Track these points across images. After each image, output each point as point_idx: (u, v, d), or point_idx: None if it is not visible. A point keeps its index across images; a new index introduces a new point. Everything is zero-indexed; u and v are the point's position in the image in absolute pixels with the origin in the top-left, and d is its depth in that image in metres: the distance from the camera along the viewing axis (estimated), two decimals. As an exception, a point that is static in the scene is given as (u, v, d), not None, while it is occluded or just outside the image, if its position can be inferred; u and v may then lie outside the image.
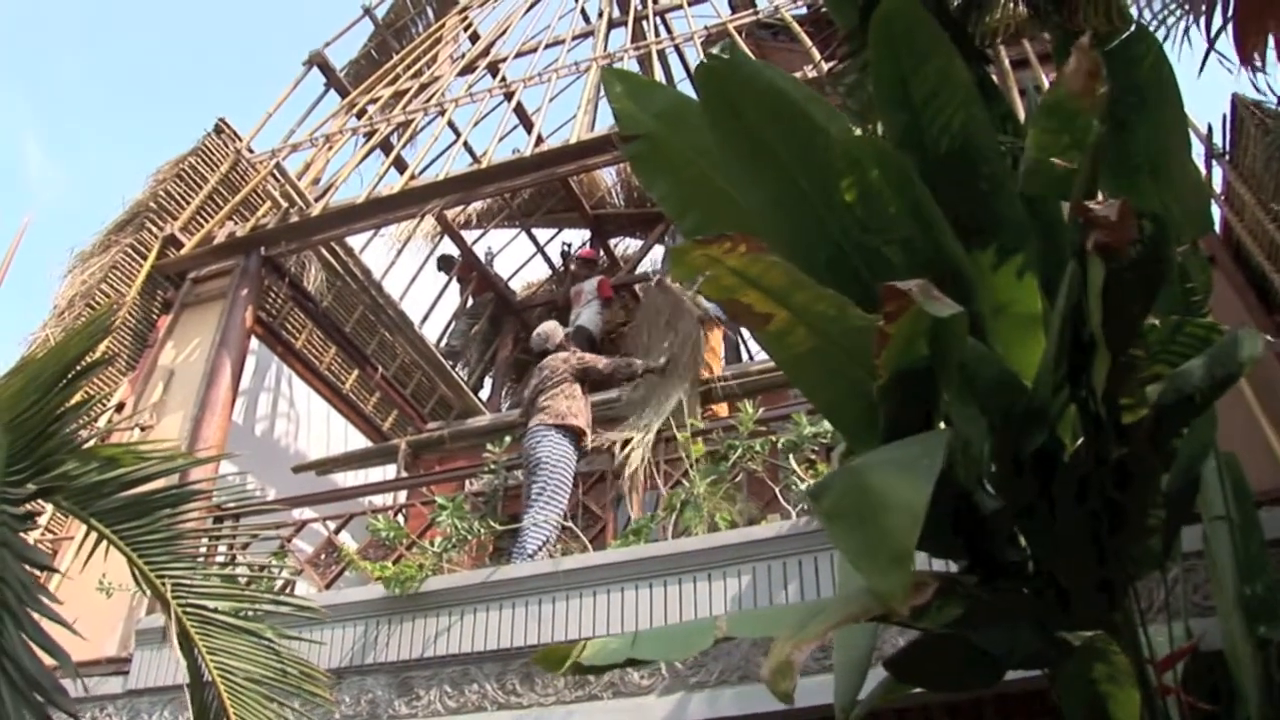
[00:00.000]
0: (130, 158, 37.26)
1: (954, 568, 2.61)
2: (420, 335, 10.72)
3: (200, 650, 3.75)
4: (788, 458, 5.43)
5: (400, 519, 6.50)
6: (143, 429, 8.12)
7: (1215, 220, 6.31)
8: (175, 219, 9.35)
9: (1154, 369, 2.44)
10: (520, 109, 10.61)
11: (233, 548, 6.43)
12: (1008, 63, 6.86)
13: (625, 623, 5.13)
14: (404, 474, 8.52)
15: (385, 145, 9.92)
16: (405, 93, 10.43)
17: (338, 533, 6.69)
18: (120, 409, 8.31)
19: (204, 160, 9.80)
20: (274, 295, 9.67)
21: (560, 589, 5.36)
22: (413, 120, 9.94)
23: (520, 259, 15.94)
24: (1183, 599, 3.89)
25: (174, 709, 5.85)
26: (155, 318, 9.09)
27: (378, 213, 8.85)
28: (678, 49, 11.10)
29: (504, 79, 10.47)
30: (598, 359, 7.12)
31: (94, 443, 3.98)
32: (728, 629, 2.32)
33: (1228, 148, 6.47)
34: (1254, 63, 2.98)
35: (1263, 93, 3.28)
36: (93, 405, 4.08)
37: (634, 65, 9.91)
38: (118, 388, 8.46)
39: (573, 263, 11.61)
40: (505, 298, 12.26)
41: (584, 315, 9.89)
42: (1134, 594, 2.53)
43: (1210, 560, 3.13)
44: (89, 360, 3.78)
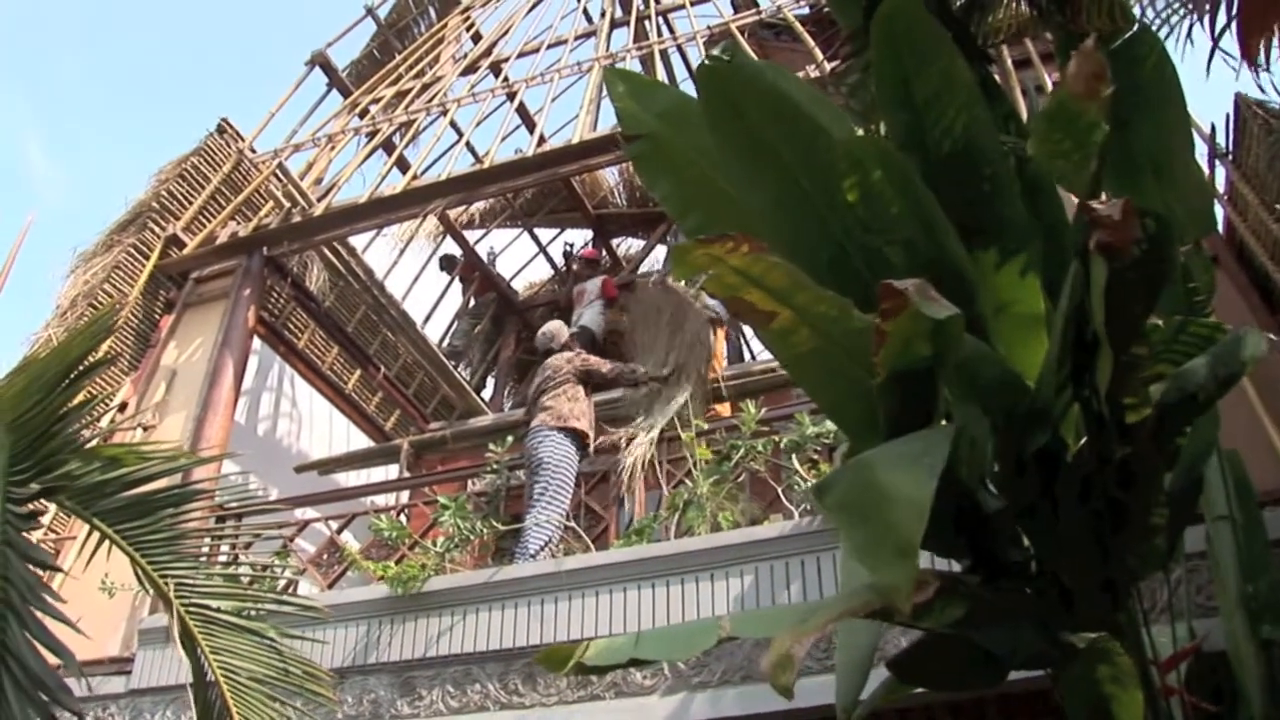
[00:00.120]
0: (132, 158, 37.32)
1: (957, 568, 2.61)
2: (423, 335, 10.74)
3: (203, 650, 3.75)
4: (790, 457, 5.43)
5: (403, 519, 6.50)
6: (145, 429, 8.13)
7: (1218, 220, 6.31)
8: (178, 219, 9.36)
9: (1157, 368, 2.43)
10: (522, 109, 10.60)
11: (235, 547, 6.44)
12: (1010, 62, 6.86)
13: (628, 623, 5.13)
14: (406, 474, 8.52)
15: (388, 145, 9.92)
16: (407, 93, 10.44)
17: (340, 532, 6.69)
18: (123, 409, 8.31)
19: (206, 160, 9.81)
20: (276, 295, 9.68)
21: (563, 589, 5.36)
22: (415, 120, 9.95)
23: (523, 259, 15.94)
24: (1186, 599, 3.88)
25: (176, 708, 5.85)
26: (157, 318, 9.10)
27: (380, 213, 8.86)
28: (680, 49, 11.11)
29: (506, 79, 10.48)
30: (602, 362, 7.10)
31: (97, 443, 3.99)
32: (731, 629, 2.31)
33: (1231, 147, 6.47)
34: (1258, 62, 2.98)
35: (1265, 91, 3.29)
36: (95, 405, 4.09)
37: (636, 65, 9.92)
38: (120, 388, 8.47)
39: (575, 263, 11.61)
40: (508, 298, 12.27)
41: (586, 315, 9.89)
42: (1137, 594, 2.53)
43: (1213, 560, 3.13)
44: (91, 360, 3.79)
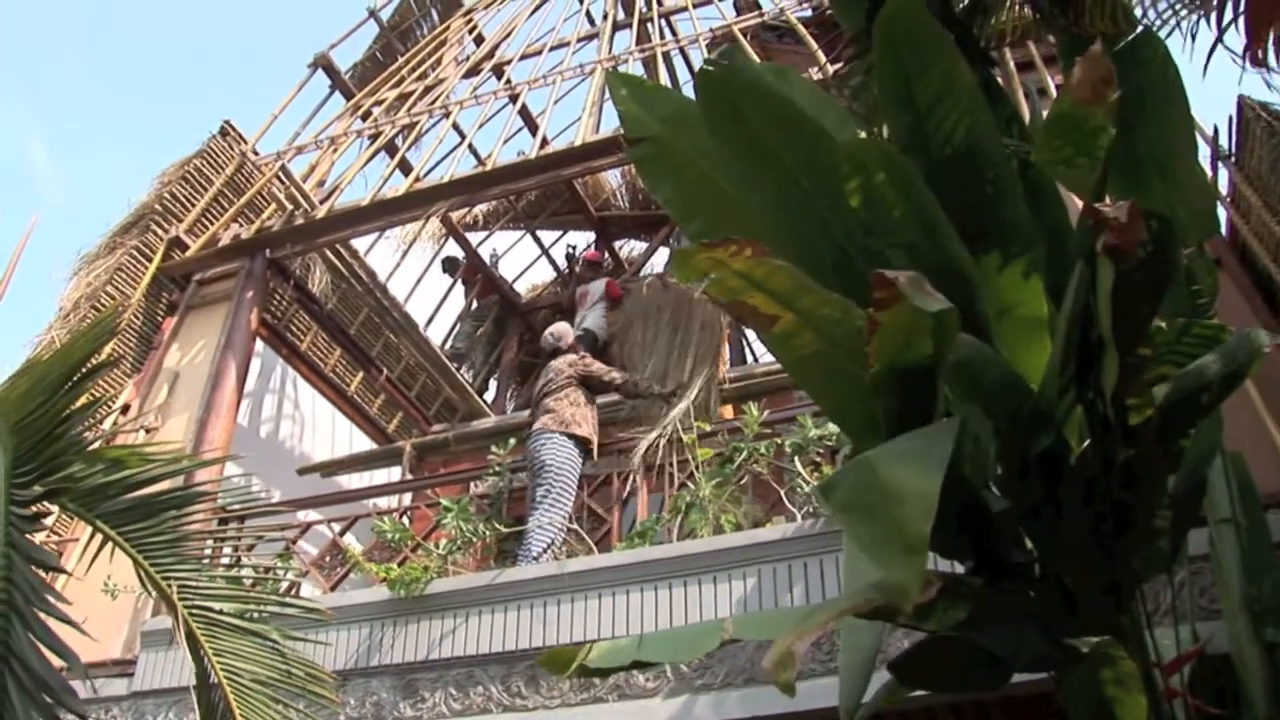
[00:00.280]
0: (134, 159, 37.36)
1: (960, 569, 2.60)
2: (425, 337, 10.76)
3: (206, 651, 3.75)
4: (793, 460, 5.42)
5: (405, 521, 6.50)
6: (148, 431, 8.14)
7: (1221, 222, 6.31)
8: (180, 221, 9.37)
9: (1160, 370, 2.43)
10: (525, 111, 10.63)
11: (238, 549, 6.44)
12: (1013, 65, 6.86)
13: (630, 625, 5.13)
14: (409, 476, 8.53)
15: (390, 147, 9.93)
16: (410, 95, 10.45)
17: (343, 535, 6.69)
18: (125, 411, 8.32)
19: (209, 162, 9.82)
20: (279, 297, 9.69)
21: (565, 591, 5.36)
22: (417, 122, 9.96)
23: (525, 261, 15.95)
24: (1189, 602, 3.88)
25: (178, 710, 5.86)
26: (160, 320, 9.11)
27: (382, 215, 8.87)
28: (683, 51, 11.12)
29: (509, 81, 10.50)
30: (605, 369, 7.05)
31: (99, 445, 3.99)
32: (734, 631, 2.32)
33: (1233, 149, 6.47)
34: (1264, 61, 2.98)
35: (1272, 88, 3.28)
36: (98, 407, 4.09)
37: (639, 67, 9.92)
38: (123, 390, 8.47)
39: (578, 265, 11.61)
40: (510, 300, 12.28)
41: (590, 318, 9.88)
42: (1140, 597, 2.53)
43: (1216, 563, 3.13)
44: (94, 362, 3.80)
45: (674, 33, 11.07)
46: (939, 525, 1.75)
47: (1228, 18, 3.02)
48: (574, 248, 12.81)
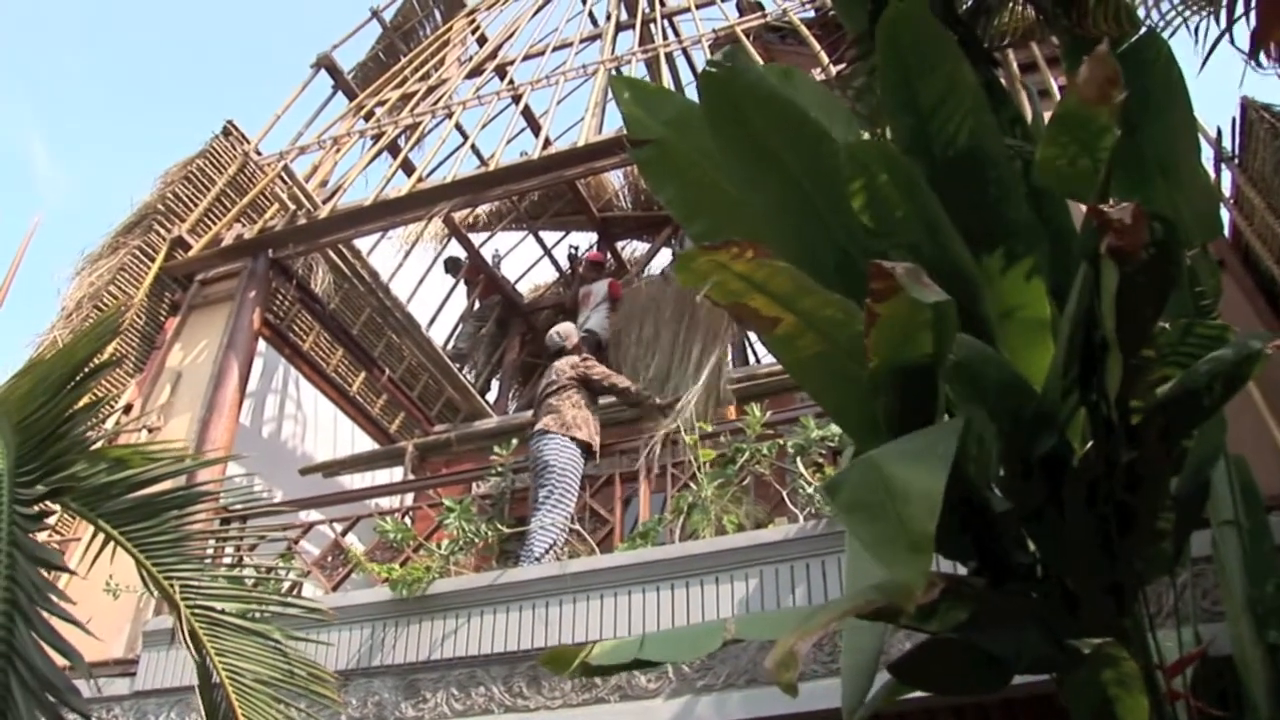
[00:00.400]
0: (135, 159, 37.36)
1: (962, 571, 2.60)
2: (427, 337, 10.76)
3: (209, 651, 3.75)
4: (795, 461, 5.42)
5: (407, 521, 6.50)
6: (150, 430, 8.15)
7: (1224, 224, 6.30)
8: (183, 221, 9.38)
9: (1163, 372, 2.43)
10: (528, 112, 10.64)
11: (240, 549, 6.45)
12: (1016, 66, 6.86)
13: (632, 626, 5.12)
14: (411, 476, 8.53)
15: (393, 148, 9.94)
16: (413, 95, 10.46)
17: (345, 535, 6.69)
18: (128, 410, 8.33)
19: (212, 162, 9.83)
20: (281, 297, 9.69)
21: (567, 592, 5.36)
22: (420, 123, 9.97)
23: (528, 261, 16.01)
24: (1191, 604, 3.87)
25: (180, 710, 5.86)
26: (163, 319, 9.12)
27: (385, 215, 8.87)
28: (685, 52, 11.12)
29: (511, 82, 10.51)
30: (606, 373, 6.97)
31: (102, 444, 3.99)
32: (736, 631, 2.31)
33: (1237, 151, 6.46)
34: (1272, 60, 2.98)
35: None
36: (101, 407, 4.08)
37: (642, 68, 9.93)
38: (125, 389, 8.48)
39: (580, 266, 11.61)
40: (512, 300, 12.29)
41: (593, 319, 9.88)
42: (1143, 599, 2.52)
43: (1219, 565, 3.13)
44: (97, 362, 3.79)
45: (677, 33, 11.06)
46: (942, 525, 1.75)
47: (1237, 12, 3.01)
48: (576, 248, 12.83)
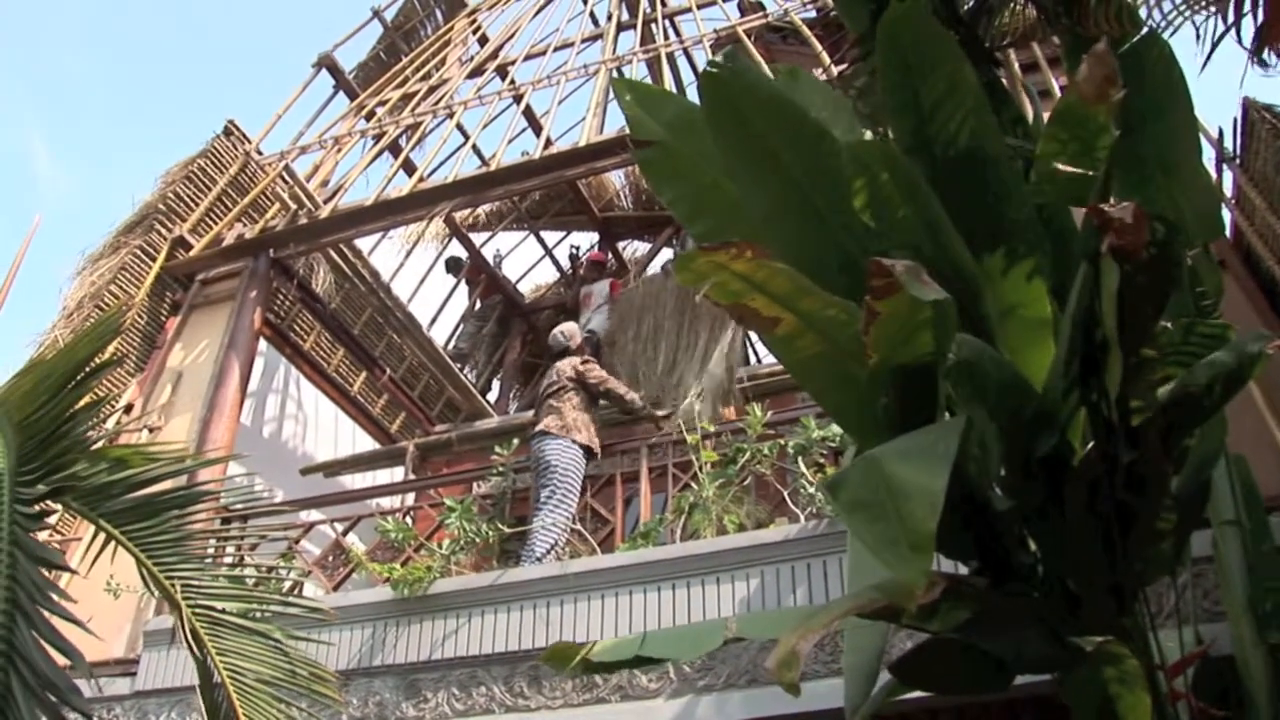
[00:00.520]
0: (137, 159, 37.42)
1: (963, 571, 2.60)
2: (428, 337, 10.77)
3: (210, 651, 3.75)
4: (796, 461, 5.42)
5: (408, 521, 6.51)
6: (151, 430, 8.15)
7: (1225, 224, 6.30)
8: (184, 221, 9.37)
9: (1165, 371, 2.43)
10: (529, 112, 10.64)
11: (241, 549, 6.45)
12: (1017, 66, 6.85)
13: (633, 626, 5.12)
14: (412, 476, 8.53)
15: (394, 147, 9.94)
16: (414, 95, 10.46)
17: (345, 534, 6.69)
18: (129, 410, 8.33)
19: (213, 162, 9.83)
20: (282, 297, 9.69)
21: (568, 592, 5.36)
22: (421, 122, 9.97)
23: (529, 261, 16.06)
24: (1192, 604, 3.87)
25: (181, 710, 5.86)
26: (164, 319, 9.12)
27: (386, 215, 8.87)
28: (686, 52, 11.11)
29: (513, 82, 10.50)
30: (604, 378, 6.88)
31: (103, 444, 3.98)
32: (737, 630, 2.32)
33: (1238, 152, 6.46)
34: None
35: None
36: (102, 406, 4.09)
37: (643, 68, 9.93)
38: (126, 389, 8.47)
39: (581, 266, 11.60)
40: (513, 300, 12.29)
41: (595, 320, 9.87)
42: (1144, 599, 2.52)
43: (1220, 565, 3.13)
44: (98, 361, 3.80)
45: (678, 34, 11.07)
46: (943, 524, 1.76)
47: (1247, 23, 3.01)
48: (577, 248, 12.83)
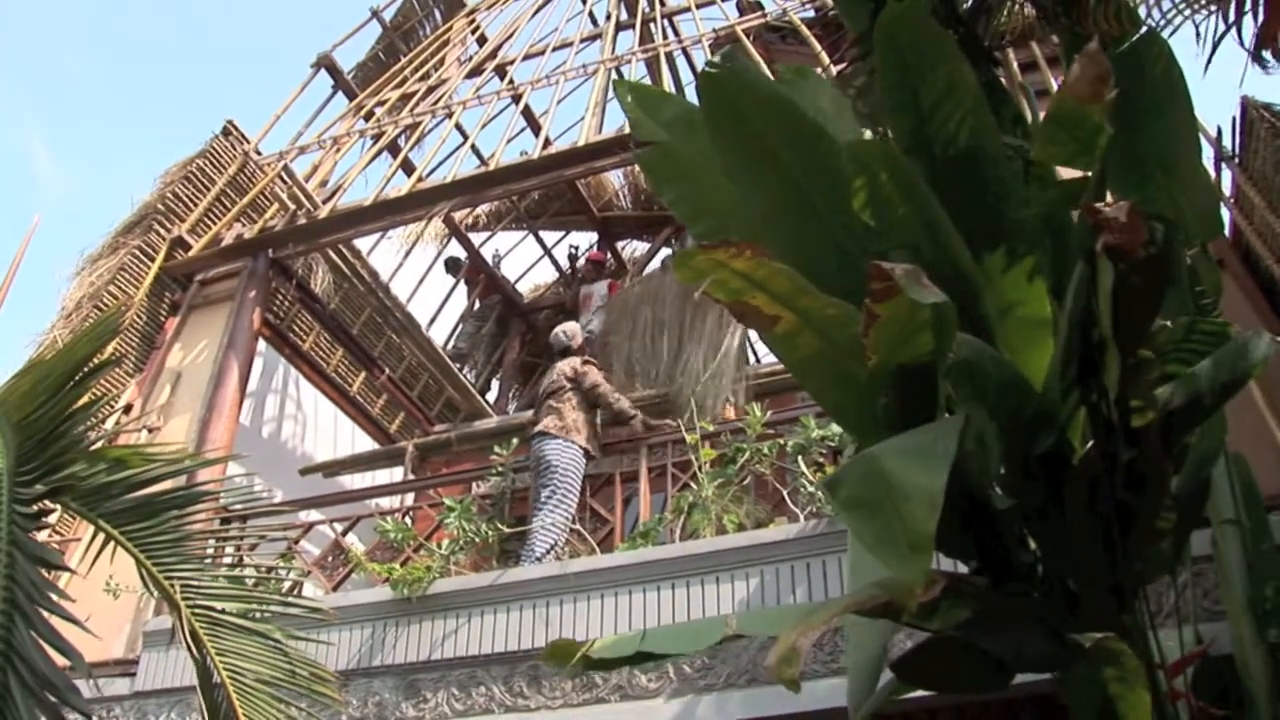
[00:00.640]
0: (136, 159, 37.37)
1: (963, 569, 2.60)
2: (427, 337, 10.77)
3: (209, 651, 3.75)
4: (796, 460, 5.42)
5: (408, 521, 6.50)
6: (150, 430, 8.15)
7: (1224, 223, 6.30)
8: (183, 221, 9.37)
9: (1164, 370, 2.43)
10: (528, 111, 10.63)
11: (240, 549, 6.44)
12: (1016, 65, 6.86)
13: (633, 625, 5.12)
14: (411, 476, 8.52)
15: (393, 147, 9.94)
16: (413, 95, 10.46)
17: (345, 535, 6.69)
18: (128, 410, 8.33)
19: (212, 162, 9.83)
20: (281, 297, 9.69)
21: (568, 591, 5.36)
22: (420, 122, 9.97)
23: (528, 261, 16.01)
24: (1192, 603, 3.87)
25: (181, 710, 5.86)
26: (163, 319, 9.11)
27: (385, 215, 8.87)
28: (685, 52, 11.11)
29: (511, 81, 10.51)
30: (598, 384, 6.75)
31: (102, 444, 3.99)
32: (737, 627, 2.31)
33: (1237, 150, 6.46)
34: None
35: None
36: (101, 406, 4.08)
37: (642, 68, 9.93)
38: (125, 389, 8.47)
39: (580, 266, 11.60)
40: (513, 300, 12.29)
41: (595, 322, 9.85)
42: (1144, 598, 2.52)
43: (1220, 564, 3.13)
44: (97, 362, 3.79)
45: (677, 33, 11.06)
46: (943, 523, 1.76)
47: (1248, 21, 3.01)
48: (576, 248, 12.83)
